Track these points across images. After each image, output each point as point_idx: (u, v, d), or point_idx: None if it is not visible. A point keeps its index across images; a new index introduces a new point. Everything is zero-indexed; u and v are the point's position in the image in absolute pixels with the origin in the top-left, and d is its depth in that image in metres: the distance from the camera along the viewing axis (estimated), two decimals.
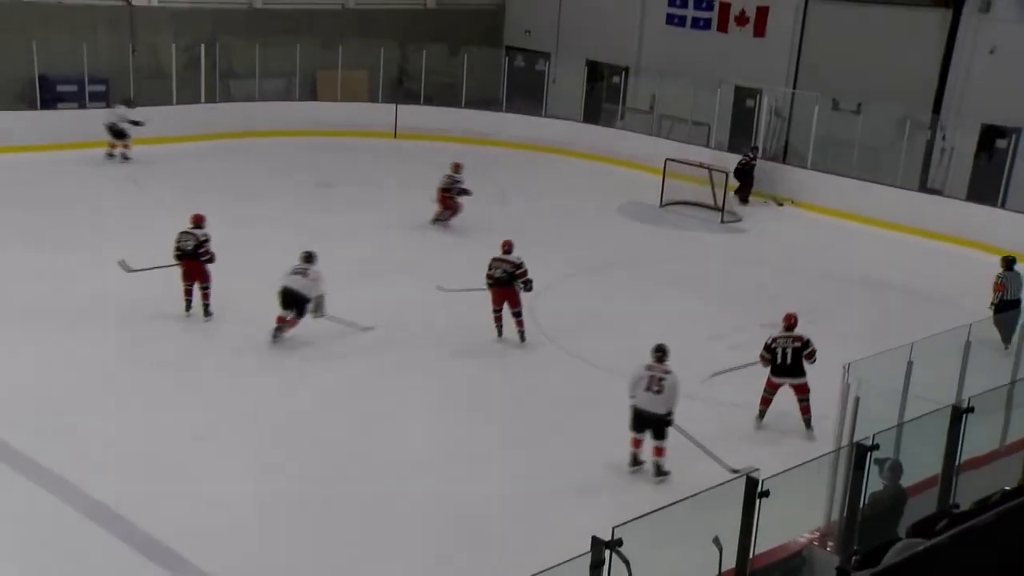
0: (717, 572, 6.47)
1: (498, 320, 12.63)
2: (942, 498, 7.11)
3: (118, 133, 19.78)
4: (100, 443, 9.71)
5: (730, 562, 6.13)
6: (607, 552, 5.47)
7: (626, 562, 5.57)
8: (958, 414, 6.96)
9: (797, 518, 7.63)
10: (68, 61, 21.18)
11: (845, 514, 7.07)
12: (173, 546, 8.17)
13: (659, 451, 9.60)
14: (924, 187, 20.06)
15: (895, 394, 8.47)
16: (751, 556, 6.07)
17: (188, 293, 12.72)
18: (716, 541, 6.23)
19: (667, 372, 9.61)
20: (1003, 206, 18.49)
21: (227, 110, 22.61)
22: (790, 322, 10.85)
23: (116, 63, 22.05)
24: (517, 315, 12.55)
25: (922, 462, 7.52)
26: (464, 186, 17.06)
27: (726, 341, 13.04)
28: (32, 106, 21.02)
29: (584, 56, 25.27)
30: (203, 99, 22.60)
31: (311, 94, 25.02)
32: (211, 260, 12.59)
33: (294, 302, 12.03)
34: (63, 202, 17.28)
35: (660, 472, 9.59)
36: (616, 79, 25.36)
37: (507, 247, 12.69)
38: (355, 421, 10.58)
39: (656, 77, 23.99)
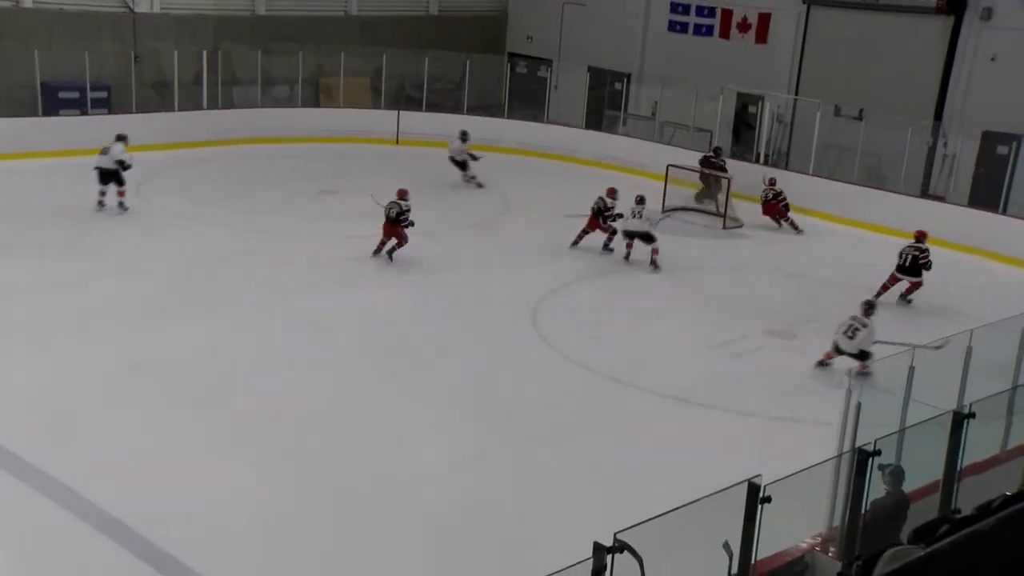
0: None
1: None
2: (943, 504, 7.10)
3: (111, 176, 17.27)
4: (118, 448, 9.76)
5: (733, 568, 6.13)
6: (609, 558, 5.47)
7: (639, 559, 5.56)
8: (959, 420, 6.96)
9: (799, 524, 7.64)
10: (71, 68, 21.24)
11: (847, 520, 7.07)
12: (174, 551, 8.21)
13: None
14: (926, 193, 20.07)
15: (897, 400, 8.47)
16: (753, 562, 6.07)
17: (382, 245, 15.50)
18: (726, 546, 6.22)
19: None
20: (1004, 212, 18.52)
21: (230, 117, 22.66)
22: (918, 235, 15.28)
23: (118, 70, 22.12)
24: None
25: (924, 468, 7.52)
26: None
27: (729, 349, 13.06)
28: (34, 113, 21.07)
29: (586, 62, 25.33)
30: (205, 106, 22.66)
31: (314, 101, 25.09)
32: (410, 225, 15.48)
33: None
34: (65, 209, 17.31)
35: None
36: (618, 85, 25.40)
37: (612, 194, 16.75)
38: (365, 426, 10.59)
39: (658, 83, 24.03)
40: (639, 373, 12.27)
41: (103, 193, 17.23)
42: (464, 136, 20.25)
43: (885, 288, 15.06)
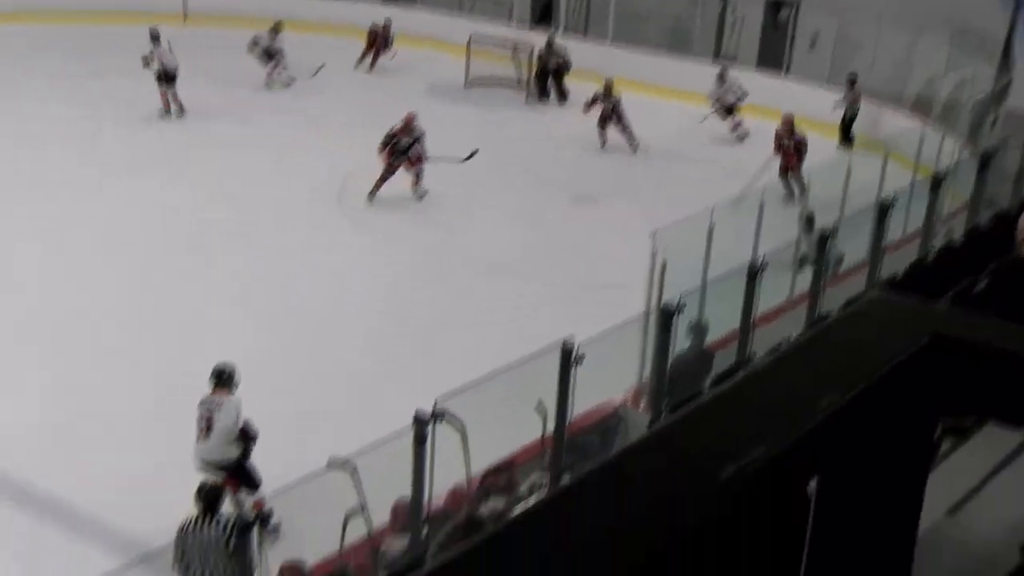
0: (541, 435, 6.76)
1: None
2: (740, 351, 7.59)
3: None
4: None
5: (548, 428, 6.40)
6: (430, 427, 5.62)
7: (460, 429, 5.74)
8: (753, 272, 7.40)
9: (612, 382, 8.02)
10: None
11: (654, 375, 7.46)
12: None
13: None
14: (719, 56, 20.67)
15: (698, 259, 8.91)
16: (569, 420, 6.35)
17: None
18: (540, 407, 6.48)
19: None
20: (787, 73, 19.39)
21: None
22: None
23: None
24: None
25: (723, 321, 7.99)
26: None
27: (534, 219, 13.32)
28: None
29: None
30: None
31: None
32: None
33: None
34: None
35: None
36: None
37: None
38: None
39: None
40: (451, 246, 12.41)
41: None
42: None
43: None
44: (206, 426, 7.62)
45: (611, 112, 16.40)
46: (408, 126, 13.72)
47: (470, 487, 6.43)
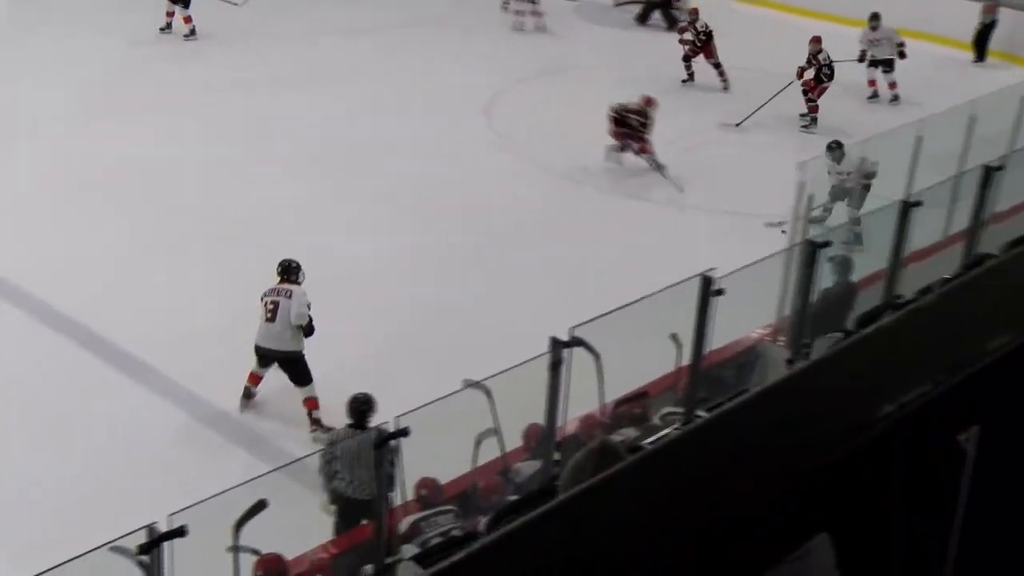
0: (674, 367, 6.68)
1: None
2: (888, 290, 7.30)
3: None
4: None
5: (686, 359, 6.31)
6: (565, 352, 5.61)
7: (595, 353, 5.73)
8: (906, 208, 7.08)
9: (750, 315, 7.85)
10: None
11: (796, 310, 7.26)
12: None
13: None
14: None
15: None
16: (706, 352, 6.24)
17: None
18: (674, 337, 6.40)
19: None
20: None
21: None
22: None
23: None
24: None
25: (871, 258, 7.70)
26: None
27: (680, 144, 13.04)
28: None
29: None
30: None
31: None
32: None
33: None
34: None
35: None
36: None
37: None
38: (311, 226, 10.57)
39: None
40: (590, 172, 12.30)
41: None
42: None
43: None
44: (272, 313, 7.90)
45: (698, 44, 15.35)
46: (642, 108, 12.39)
47: (603, 414, 6.42)
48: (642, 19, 18.50)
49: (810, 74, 13.98)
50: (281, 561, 5.56)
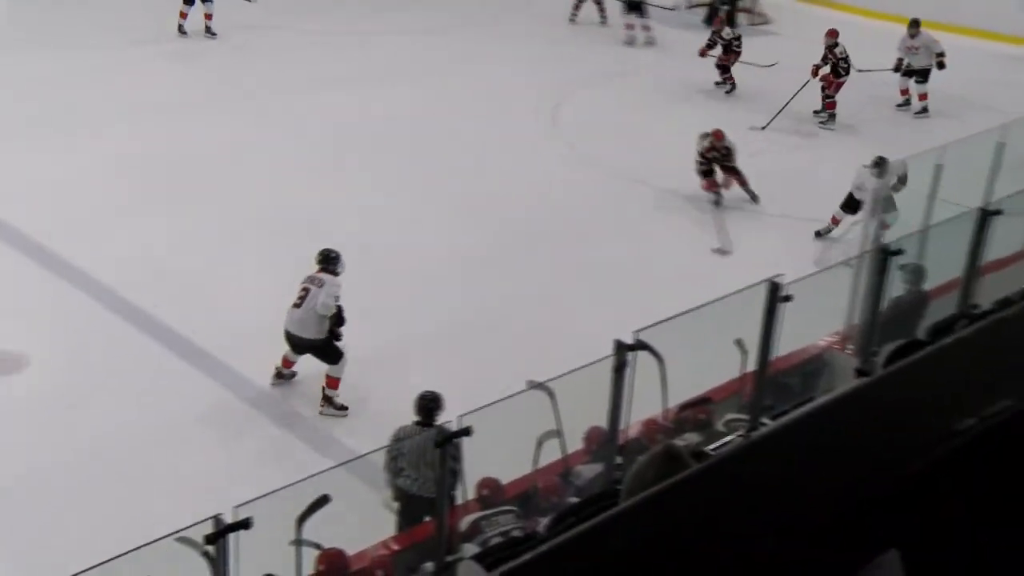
0: (739, 373, 6.60)
1: None
2: (963, 300, 7.13)
3: None
4: None
5: (751, 365, 6.23)
6: (630, 355, 5.57)
7: (659, 357, 5.69)
8: (985, 216, 6.90)
9: (818, 323, 7.73)
10: None
11: (865, 317, 7.13)
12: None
13: None
14: None
15: (922, 198, 8.41)
16: (772, 359, 6.16)
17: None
18: (739, 343, 6.33)
19: None
20: None
21: None
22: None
23: None
24: None
25: (945, 265, 7.52)
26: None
27: (746, 150, 12.88)
28: None
29: None
30: None
31: None
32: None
33: None
34: None
35: None
36: None
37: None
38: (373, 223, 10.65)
39: None
40: (653, 172, 12.24)
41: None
42: None
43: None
44: (301, 299, 8.01)
45: (726, 53, 15.00)
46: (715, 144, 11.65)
47: (665, 419, 6.37)
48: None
49: (826, 69, 13.84)
50: (342, 556, 5.61)
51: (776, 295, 5.85)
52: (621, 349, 5.43)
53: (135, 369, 8.48)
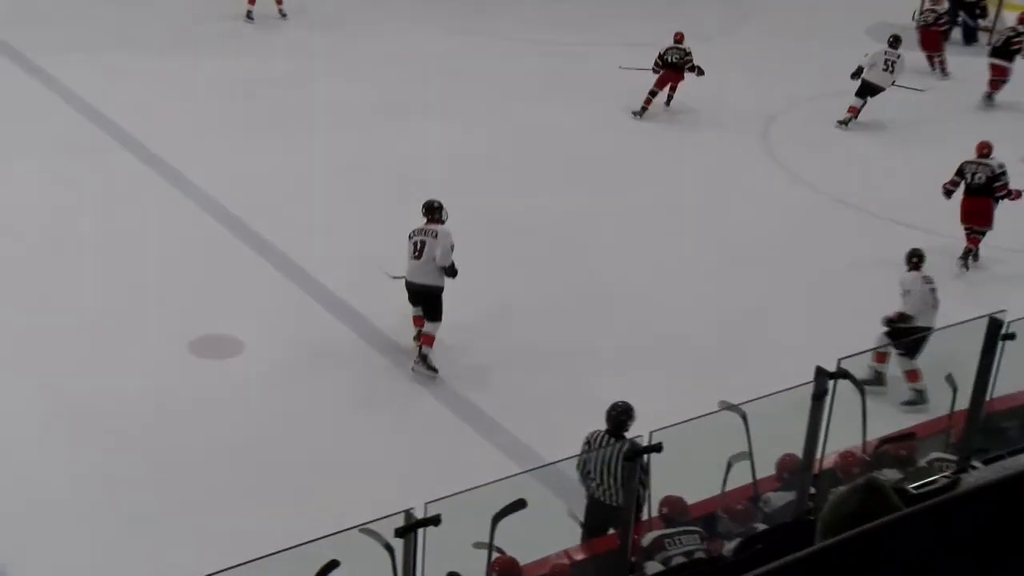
0: (949, 411, 6.25)
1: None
2: None
3: None
4: None
5: (964, 403, 5.88)
6: (831, 383, 5.36)
7: (861, 387, 5.46)
8: None
9: None
10: None
11: None
12: None
13: None
14: None
15: None
16: (988, 398, 5.79)
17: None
18: (949, 378, 5.98)
19: None
20: None
21: None
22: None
23: None
24: None
25: None
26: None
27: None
28: None
29: None
30: None
31: None
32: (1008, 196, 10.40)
33: None
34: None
35: None
36: None
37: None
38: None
39: None
40: (865, 194, 11.78)
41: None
42: None
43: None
44: (419, 251, 8.33)
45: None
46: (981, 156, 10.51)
47: (864, 452, 6.09)
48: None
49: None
50: (516, 565, 5.54)
51: (997, 331, 5.50)
52: (821, 376, 5.24)
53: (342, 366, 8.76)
